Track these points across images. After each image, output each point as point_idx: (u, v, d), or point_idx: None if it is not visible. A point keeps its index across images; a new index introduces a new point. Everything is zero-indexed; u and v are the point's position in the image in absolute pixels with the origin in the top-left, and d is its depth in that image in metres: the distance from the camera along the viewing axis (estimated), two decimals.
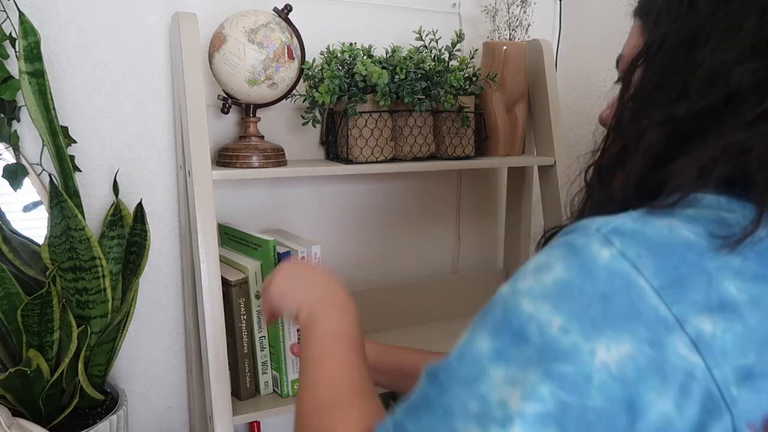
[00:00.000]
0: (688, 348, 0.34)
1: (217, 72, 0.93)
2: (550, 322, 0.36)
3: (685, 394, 0.34)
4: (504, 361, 0.37)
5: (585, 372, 0.34)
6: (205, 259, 0.87)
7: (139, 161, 1.03)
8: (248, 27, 0.90)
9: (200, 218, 0.87)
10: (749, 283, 0.36)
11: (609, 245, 0.37)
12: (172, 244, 1.07)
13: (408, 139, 1.05)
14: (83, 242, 0.85)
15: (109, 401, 0.95)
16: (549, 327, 0.36)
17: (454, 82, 1.04)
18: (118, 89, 1.00)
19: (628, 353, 0.34)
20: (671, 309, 0.35)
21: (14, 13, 0.86)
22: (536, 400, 0.34)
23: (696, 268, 0.36)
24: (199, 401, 1.06)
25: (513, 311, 0.38)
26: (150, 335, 1.08)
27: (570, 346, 0.35)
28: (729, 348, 0.35)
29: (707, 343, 0.34)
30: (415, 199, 1.27)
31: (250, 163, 0.95)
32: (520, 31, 1.17)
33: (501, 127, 1.14)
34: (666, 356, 0.34)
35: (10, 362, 0.87)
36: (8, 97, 0.88)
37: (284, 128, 1.11)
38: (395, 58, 1.02)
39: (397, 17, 1.19)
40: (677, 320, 0.35)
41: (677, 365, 0.34)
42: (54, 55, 0.94)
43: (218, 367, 0.88)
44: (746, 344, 0.35)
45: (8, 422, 0.79)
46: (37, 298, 0.80)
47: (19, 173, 0.91)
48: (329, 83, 0.96)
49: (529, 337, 0.36)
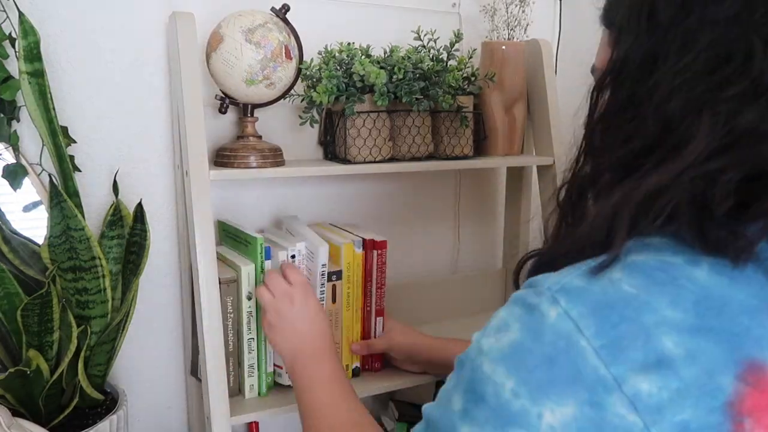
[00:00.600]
0: (626, 408, 0.36)
1: (214, 72, 0.94)
2: (504, 385, 0.39)
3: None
4: (469, 420, 0.41)
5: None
6: (203, 259, 0.87)
7: (139, 161, 1.03)
8: (246, 27, 0.91)
9: (197, 218, 0.88)
10: (686, 337, 0.37)
11: (556, 305, 0.39)
12: (172, 244, 1.07)
13: (406, 139, 1.05)
14: (83, 242, 0.85)
15: (108, 401, 0.95)
16: (503, 390, 0.39)
17: (452, 81, 1.04)
18: (118, 89, 1.00)
19: (571, 415, 0.37)
20: (609, 369, 0.36)
21: (14, 13, 0.86)
22: None
23: (635, 325, 0.37)
24: (197, 401, 1.06)
25: (476, 372, 0.41)
26: (150, 335, 1.08)
27: (520, 410, 0.38)
28: (666, 404, 0.36)
29: (644, 402, 0.36)
30: (413, 199, 1.27)
31: (247, 163, 0.95)
32: (519, 31, 1.17)
33: (500, 127, 1.14)
34: (605, 416, 0.36)
35: (10, 362, 0.88)
36: (8, 97, 0.89)
37: (282, 128, 1.11)
38: (393, 58, 1.02)
39: (395, 17, 1.19)
40: (615, 381, 0.36)
41: (617, 424, 0.36)
42: (54, 55, 0.95)
43: (216, 367, 0.88)
44: (682, 400, 0.36)
45: (8, 422, 0.79)
46: (36, 298, 0.81)
47: (18, 173, 0.91)
48: (327, 83, 0.96)
49: (486, 398, 0.40)
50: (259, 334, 0.95)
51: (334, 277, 0.99)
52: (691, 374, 0.36)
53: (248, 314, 0.94)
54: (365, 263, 1.01)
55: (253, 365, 0.96)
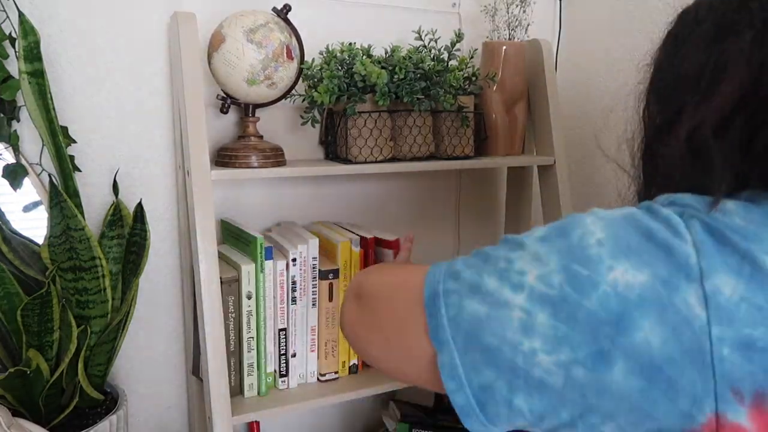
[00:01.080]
0: (698, 301, 0.37)
1: (216, 72, 0.93)
2: (594, 234, 0.41)
3: (675, 336, 0.37)
4: (541, 242, 0.43)
5: (595, 280, 0.39)
6: (204, 259, 0.87)
7: (139, 161, 1.03)
8: (247, 27, 0.90)
9: (199, 218, 0.88)
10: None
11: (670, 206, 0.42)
12: (172, 243, 1.07)
13: (407, 138, 1.05)
14: (83, 242, 0.85)
15: (108, 401, 0.95)
16: (590, 236, 0.41)
17: (453, 81, 1.04)
18: (118, 89, 1.00)
19: (639, 282, 0.38)
20: (701, 261, 0.37)
21: (14, 13, 0.86)
22: (546, 284, 0.41)
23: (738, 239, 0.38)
24: (198, 401, 1.06)
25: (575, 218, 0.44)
26: (150, 335, 1.08)
27: (595, 255, 0.40)
28: (740, 315, 0.36)
29: (718, 303, 0.37)
30: (414, 199, 1.27)
31: (249, 163, 0.95)
32: (520, 31, 1.17)
33: (500, 126, 1.14)
34: (673, 299, 0.37)
35: (10, 362, 0.87)
36: (8, 97, 0.88)
37: (283, 128, 1.11)
38: (394, 58, 1.02)
39: (396, 17, 1.19)
40: (701, 272, 0.37)
41: (680, 310, 0.37)
42: (54, 55, 0.95)
43: (217, 366, 0.88)
44: (761, 318, 0.36)
45: (8, 422, 0.79)
46: (36, 298, 0.80)
47: (19, 173, 0.91)
48: (328, 83, 0.96)
49: (570, 236, 0.42)
50: (260, 333, 0.95)
51: (330, 275, 0.99)
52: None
53: (248, 314, 0.94)
54: (363, 262, 1.01)
55: (253, 365, 0.96)
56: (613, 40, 1.23)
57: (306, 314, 0.99)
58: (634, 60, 1.21)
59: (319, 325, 1.00)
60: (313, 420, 1.26)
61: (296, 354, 0.99)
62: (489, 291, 0.43)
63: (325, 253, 1.01)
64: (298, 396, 0.98)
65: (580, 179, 1.33)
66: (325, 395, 0.98)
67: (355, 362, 1.04)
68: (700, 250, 0.38)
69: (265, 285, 0.94)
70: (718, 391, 0.36)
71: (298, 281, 0.97)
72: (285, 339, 0.98)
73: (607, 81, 1.25)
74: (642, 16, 1.16)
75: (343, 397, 0.99)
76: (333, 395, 0.98)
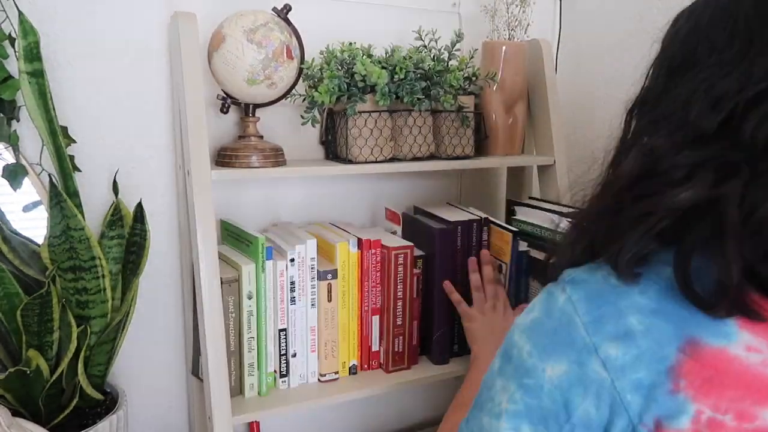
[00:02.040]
0: (600, 367, 0.48)
1: (216, 71, 0.93)
2: (523, 348, 0.53)
3: (599, 399, 0.48)
4: (501, 375, 0.55)
5: (539, 384, 0.51)
6: (204, 259, 0.87)
7: (138, 161, 1.03)
8: (247, 26, 0.90)
9: (199, 218, 0.88)
10: (646, 317, 0.48)
11: (564, 292, 0.52)
12: (172, 243, 1.07)
13: (407, 138, 1.05)
14: (83, 242, 0.85)
15: (108, 401, 0.95)
16: (522, 352, 0.53)
17: (453, 81, 1.04)
18: (118, 89, 1.00)
19: (563, 371, 0.50)
20: (592, 338, 0.49)
21: (14, 12, 0.86)
22: (513, 402, 0.53)
23: (613, 308, 0.49)
24: (198, 401, 1.06)
25: (509, 339, 0.56)
26: (150, 335, 1.08)
27: (531, 366, 0.52)
28: (627, 366, 0.47)
29: (612, 363, 0.48)
30: (414, 198, 1.26)
31: (249, 163, 0.95)
32: (520, 31, 1.17)
33: (500, 126, 1.15)
34: (587, 372, 0.49)
35: (9, 362, 0.87)
36: (8, 97, 0.88)
37: (283, 128, 1.11)
38: (395, 58, 1.02)
39: (396, 17, 1.19)
40: (594, 346, 0.49)
41: (594, 378, 0.48)
42: (54, 55, 0.94)
43: (217, 366, 0.88)
44: (638, 363, 0.47)
45: (8, 422, 0.79)
46: (36, 298, 0.80)
47: (18, 173, 0.91)
48: (329, 83, 0.96)
49: (512, 358, 0.54)
50: (260, 333, 0.95)
51: (329, 275, 0.99)
52: (646, 344, 0.47)
53: (249, 314, 0.94)
54: (361, 262, 1.01)
55: (254, 365, 0.96)
56: (613, 40, 1.24)
57: (306, 315, 0.99)
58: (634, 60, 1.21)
59: (319, 325, 1.00)
60: (313, 420, 1.26)
61: (296, 354, 0.99)
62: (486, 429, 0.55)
63: (323, 253, 1.01)
64: (299, 396, 0.98)
65: (580, 179, 1.33)
66: (325, 395, 0.98)
67: (355, 363, 1.04)
68: (588, 328, 0.49)
69: (266, 285, 0.94)
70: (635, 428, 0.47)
71: (297, 282, 0.97)
72: (285, 339, 0.98)
73: (607, 81, 1.25)
74: (642, 16, 1.16)
75: (343, 397, 0.99)
76: (333, 395, 0.98)
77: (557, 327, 0.51)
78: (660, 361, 0.46)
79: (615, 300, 0.49)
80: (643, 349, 0.47)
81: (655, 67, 0.57)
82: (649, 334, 0.47)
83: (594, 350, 0.48)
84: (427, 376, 1.04)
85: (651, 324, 0.48)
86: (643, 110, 0.56)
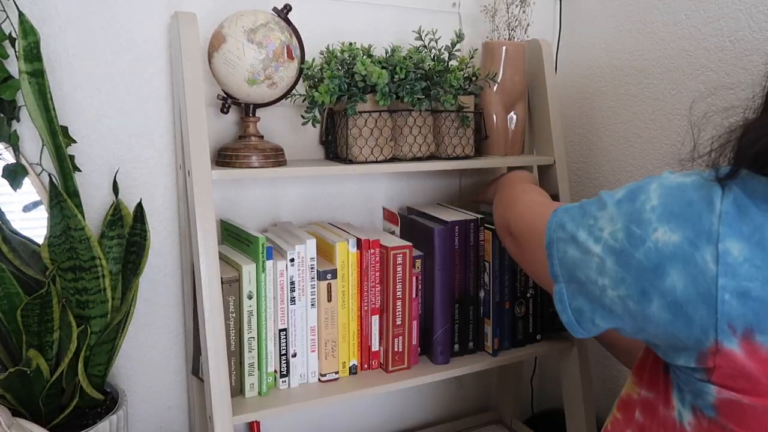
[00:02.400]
0: (712, 258, 0.49)
1: (216, 72, 0.93)
2: (651, 200, 0.55)
3: (693, 283, 0.50)
4: (618, 206, 0.58)
5: (643, 237, 0.53)
6: (205, 259, 0.87)
7: (138, 161, 1.03)
8: (247, 26, 0.90)
9: (200, 218, 0.88)
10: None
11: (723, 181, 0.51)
12: (172, 243, 1.07)
13: (408, 138, 1.05)
14: (83, 242, 0.85)
15: (109, 401, 0.95)
16: (647, 202, 0.55)
17: (453, 81, 1.04)
18: (118, 89, 1.00)
19: (673, 240, 0.51)
20: (720, 227, 0.49)
21: (14, 12, 0.86)
22: (614, 239, 0.56)
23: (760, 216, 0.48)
24: (198, 401, 1.06)
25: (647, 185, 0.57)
26: (150, 335, 1.08)
27: (647, 219, 0.54)
28: (742, 271, 0.48)
29: (726, 261, 0.48)
30: (414, 199, 1.27)
31: (249, 163, 0.95)
32: (520, 31, 1.17)
33: (500, 127, 1.15)
34: (695, 256, 0.50)
35: (10, 362, 0.87)
36: (8, 97, 0.88)
37: (284, 128, 1.11)
38: (395, 58, 1.02)
39: (396, 17, 1.19)
40: (718, 236, 0.49)
41: (698, 264, 0.49)
42: (54, 54, 0.94)
43: (218, 366, 0.88)
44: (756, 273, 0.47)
45: (8, 422, 0.79)
46: (36, 298, 0.80)
47: (18, 173, 0.91)
48: (329, 83, 0.96)
49: (635, 201, 0.56)
50: (260, 333, 0.95)
51: (329, 275, 0.99)
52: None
53: (249, 313, 0.94)
54: (360, 262, 1.01)
55: (254, 365, 0.96)
56: (613, 40, 1.24)
57: (306, 314, 0.99)
58: (633, 59, 1.22)
59: (319, 325, 1.00)
60: (313, 420, 1.26)
61: (296, 354, 0.99)
62: (581, 241, 0.60)
63: (323, 253, 1.01)
64: (299, 396, 0.98)
65: (580, 179, 1.33)
66: (325, 395, 0.98)
67: (355, 363, 1.04)
68: (723, 219, 0.49)
69: (266, 285, 0.94)
70: (719, 325, 0.48)
71: (297, 281, 0.97)
72: (285, 339, 0.98)
73: (607, 81, 1.26)
74: (642, 16, 1.17)
75: (343, 397, 0.99)
76: (333, 395, 0.98)
77: (694, 201, 0.51)
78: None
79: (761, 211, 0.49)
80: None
81: None
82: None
83: (715, 239, 0.49)
84: (427, 376, 1.04)
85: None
86: None
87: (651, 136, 1.16)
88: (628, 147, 1.21)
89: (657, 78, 1.14)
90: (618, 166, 1.24)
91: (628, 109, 1.21)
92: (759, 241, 0.48)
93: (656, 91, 1.15)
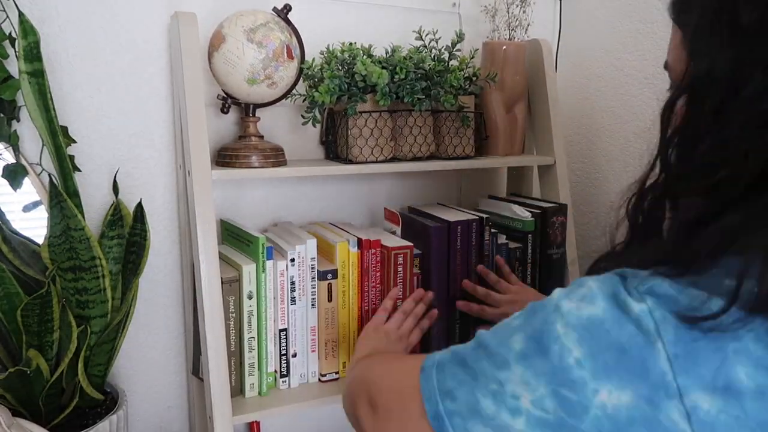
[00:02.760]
0: (681, 416, 0.38)
1: (216, 71, 0.93)
2: (571, 351, 0.42)
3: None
4: (525, 364, 0.44)
5: (584, 405, 0.41)
6: (205, 259, 0.87)
7: (138, 161, 1.03)
8: (247, 26, 0.90)
9: (200, 218, 0.88)
10: (760, 372, 0.37)
11: (642, 302, 0.40)
12: (172, 243, 1.07)
13: (408, 138, 1.05)
14: (83, 242, 0.85)
15: (109, 401, 0.95)
16: (568, 355, 0.42)
17: (454, 81, 1.04)
18: (118, 89, 1.00)
19: (626, 402, 0.40)
20: (677, 379, 0.38)
21: (14, 12, 0.86)
22: (541, 409, 0.42)
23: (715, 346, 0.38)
24: (198, 401, 1.06)
25: (547, 326, 0.44)
26: (150, 335, 1.08)
27: (578, 379, 0.41)
28: (719, 425, 0.38)
29: (700, 419, 0.38)
30: (415, 199, 1.26)
31: (249, 163, 0.95)
32: (520, 31, 1.17)
33: (501, 126, 1.15)
34: (658, 417, 0.39)
35: (10, 362, 0.87)
36: (8, 97, 0.88)
37: (284, 128, 1.11)
38: (395, 58, 1.02)
39: (397, 17, 1.19)
40: (678, 390, 0.38)
41: (666, 427, 0.39)
42: (54, 54, 0.94)
43: (218, 366, 0.88)
44: (738, 428, 0.37)
45: (8, 422, 0.79)
46: (36, 298, 0.80)
47: (18, 173, 0.91)
48: (329, 83, 0.96)
49: (550, 355, 0.43)
50: (261, 333, 0.95)
51: (329, 275, 0.99)
52: (754, 408, 0.37)
53: (249, 313, 0.94)
54: (361, 262, 1.01)
55: (254, 365, 0.96)
56: (613, 40, 1.24)
57: (306, 315, 0.99)
58: (633, 59, 1.22)
59: (319, 325, 1.00)
60: (313, 420, 1.26)
61: (296, 354, 0.99)
62: (489, 415, 0.45)
63: (323, 253, 1.01)
64: (299, 396, 0.98)
65: (580, 179, 1.33)
66: (325, 395, 0.98)
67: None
68: (676, 367, 0.38)
69: (266, 285, 0.94)
70: None
71: (297, 281, 0.97)
72: (285, 339, 0.98)
73: (607, 81, 1.26)
74: (642, 16, 1.16)
75: None
76: (333, 395, 0.98)
77: (627, 345, 0.40)
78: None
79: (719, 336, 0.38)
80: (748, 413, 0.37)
81: None
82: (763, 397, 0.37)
83: (677, 395, 0.38)
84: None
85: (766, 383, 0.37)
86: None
87: (651, 137, 1.16)
88: (628, 147, 1.21)
89: (657, 78, 1.14)
90: (618, 166, 1.24)
91: (628, 109, 1.21)
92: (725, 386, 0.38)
93: (656, 91, 1.14)
